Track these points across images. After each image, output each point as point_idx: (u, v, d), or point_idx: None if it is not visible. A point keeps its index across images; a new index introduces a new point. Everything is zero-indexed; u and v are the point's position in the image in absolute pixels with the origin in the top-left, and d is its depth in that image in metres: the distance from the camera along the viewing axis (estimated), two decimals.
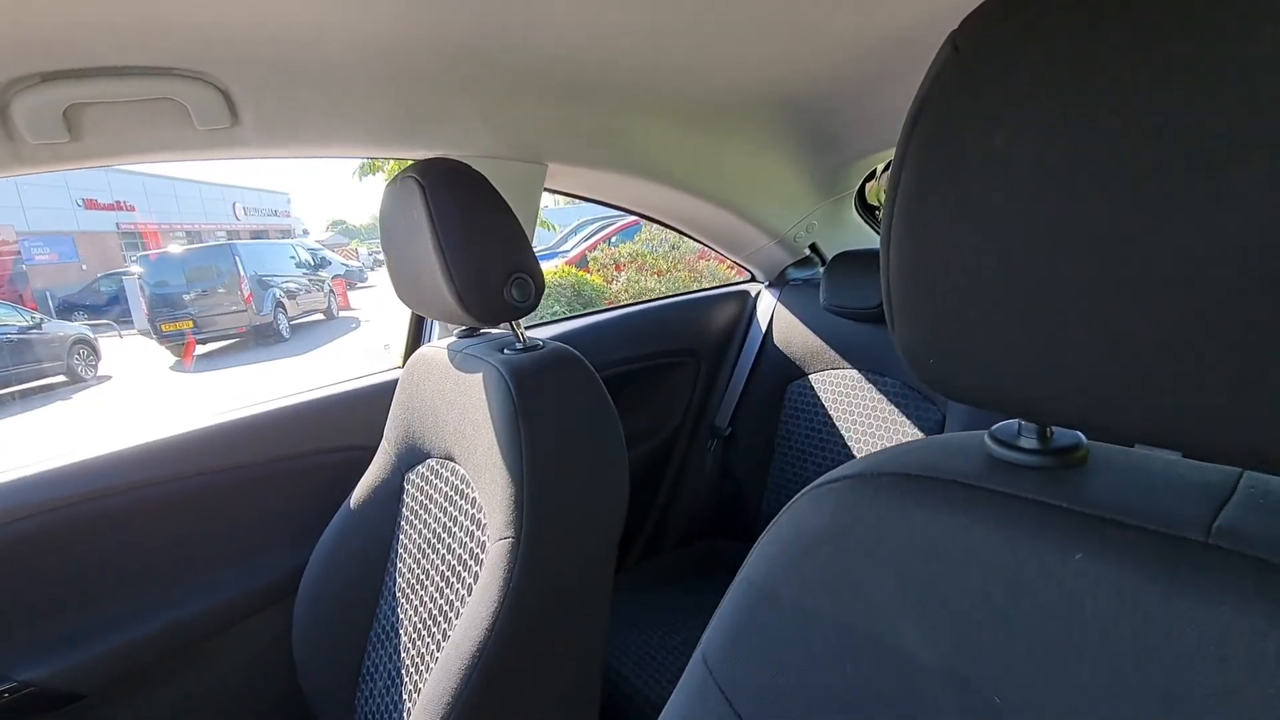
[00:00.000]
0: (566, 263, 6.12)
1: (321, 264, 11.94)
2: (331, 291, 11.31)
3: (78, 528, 0.88)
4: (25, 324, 8.08)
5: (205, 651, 0.96)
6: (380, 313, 11.09)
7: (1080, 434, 0.33)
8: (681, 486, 1.45)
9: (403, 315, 1.16)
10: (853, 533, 0.35)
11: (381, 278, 18.69)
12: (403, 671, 0.80)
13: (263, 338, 9.15)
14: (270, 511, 1.01)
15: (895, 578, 0.33)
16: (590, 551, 0.65)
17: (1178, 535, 0.26)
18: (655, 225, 1.33)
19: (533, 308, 0.72)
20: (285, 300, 9.74)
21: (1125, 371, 0.24)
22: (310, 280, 10.80)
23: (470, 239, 0.66)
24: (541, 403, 0.65)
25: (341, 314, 11.35)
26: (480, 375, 0.71)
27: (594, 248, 6.48)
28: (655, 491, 1.46)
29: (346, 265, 15.88)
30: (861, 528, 0.35)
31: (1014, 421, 0.34)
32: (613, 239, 6.64)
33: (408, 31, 0.68)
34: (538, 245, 1.02)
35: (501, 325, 0.79)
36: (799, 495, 0.39)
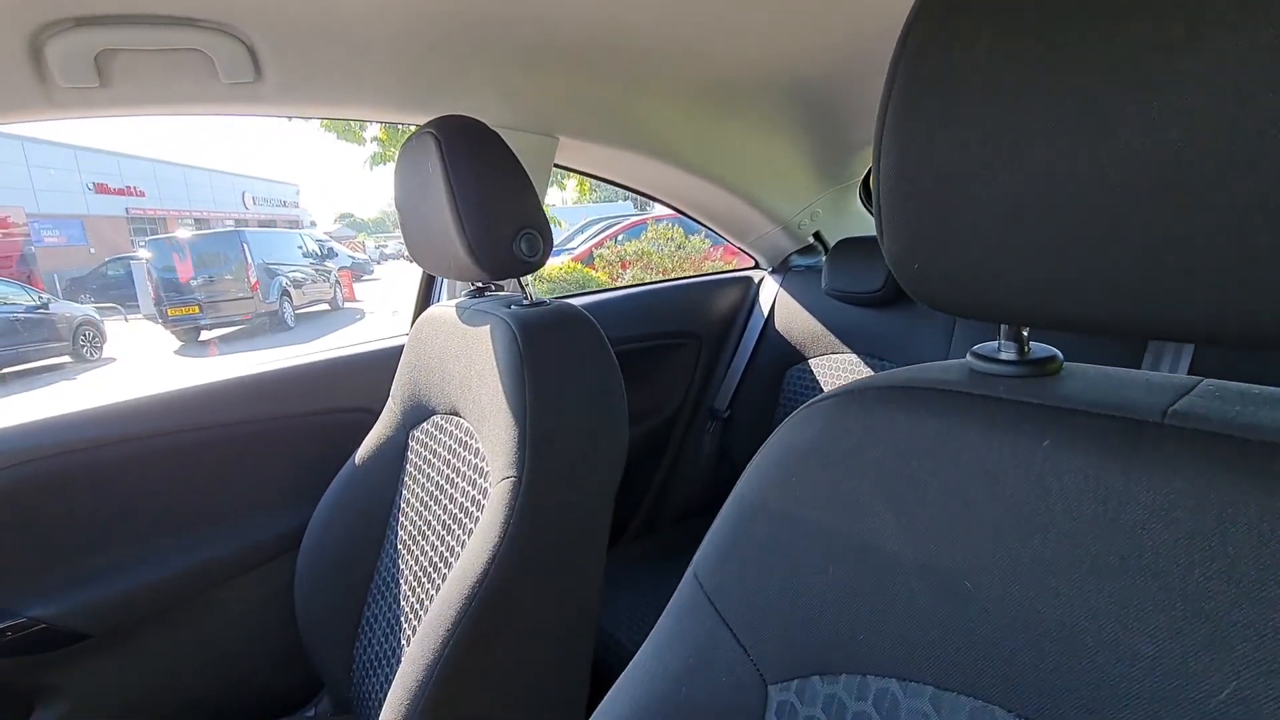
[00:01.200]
0: (573, 259, 6.15)
1: (328, 255, 11.99)
2: (337, 282, 11.36)
3: (90, 473, 0.90)
4: (32, 303, 8.13)
5: (208, 600, 0.98)
6: (384, 305, 11.13)
7: (1056, 350, 0.35)
8: (680, 466, 1.47)
9: (406, 308, 1.18)
10: (839, 444, 0.37)
11: (387, 271, 18.73)
12: (401, 619, 0.82)
13: (267, 325, 9.19)
14: (276, 468, 1.03)
15: (875, 481, 0.35)
16: (589, 495, 0.67)
17: (1137, 419, 0.28)
18: (661, 225, 1.35)
19: (540, 264, 0.75)
20: (291, 289, 9.78)
21: (1093, 266, 0.26)
22: (316, 270, 10.85)
23: (483, 192, 0.68)
24: (547, 351, 0.67)
25: (346, 305, 11.39)
26: (487, 328, 0.73)
27: (600, 245, 6.51)
28: (654, 470, 1.48)
29: (353, 257, 15.94)
30: (847, 439, 0.37)
31: (994, 342, 0.36)
32: (619, 237, 6.67)
33: None
34: None
35: (510, 288, 0.81)
36: (790, 416, 0.41)
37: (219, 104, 0.79)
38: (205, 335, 8.98)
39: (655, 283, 1.50)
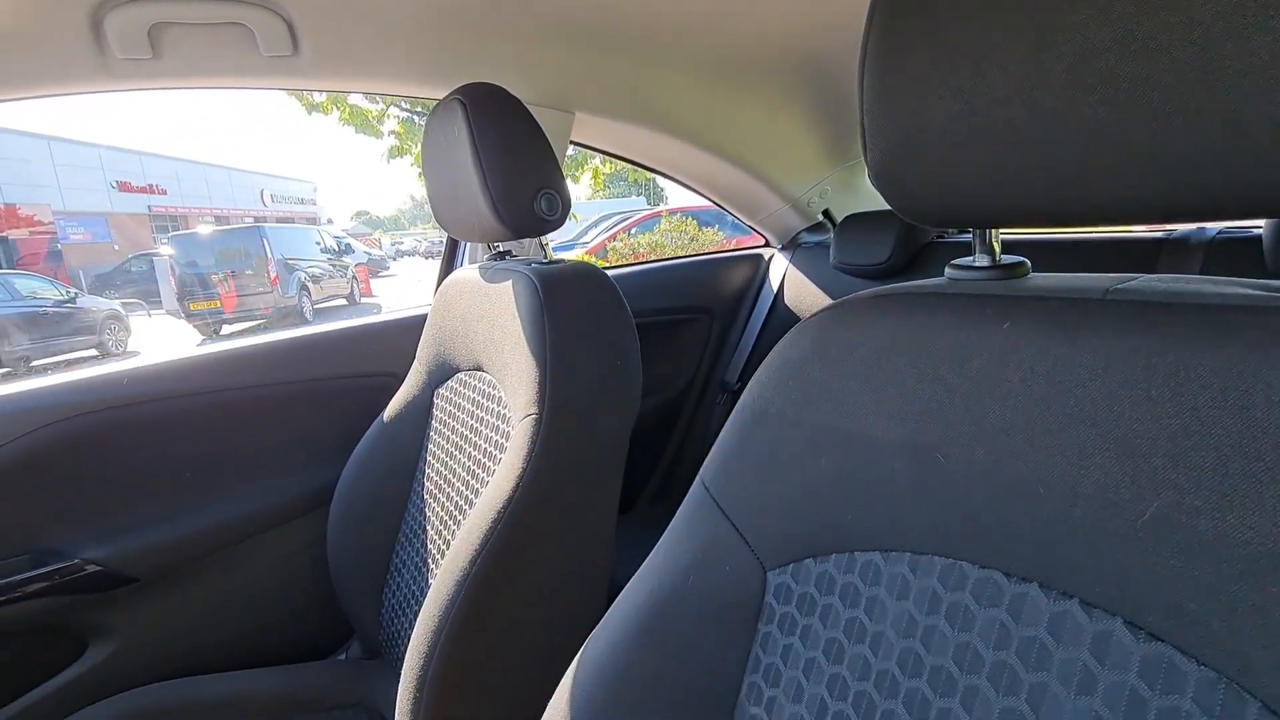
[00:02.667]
0: (587, 252, 6.21)
1: (345, 251, 12.16)
2: (354, 278, 11.52)
3: (140, 427, 0.96)
4: (60, 298, 8.35)
5: (246, 550, 1.04)
6: (401, 300, 11.26)
7: (1025, 259, 0.39)
8: (692, 436, 1.52)
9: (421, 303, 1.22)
10: (829, 350, 0.41)
11: (403, 267, 18.95)
12: (427, 562, 0.88)
13: (286, 320, 9.35)
14: (309, 427, 1.09)
15: (862, 378, 0.39)
16: (605, 434, 0.72)
17: (1084, 299, 0.32)
18: (674, 217, 1.40)
19: (559, 223, 0.79)
20: (310, 284, 9.94)
21: (1043, 165, 0.30)
22: (334, 266, 11.01)
23: (505, 153, 0.73)
24: (566, 301, 0.72)
25: (363, 300, 11.55)
26: (510, 284, 0.78)
27: (614, 238, 6.56)
28: (666, 440, 1.52)
29: (369, 254, 16.14)
30: (836, 345, 0.41)
31: (969, 257, 0.40)
32: (633, 230, 6.72)
33: None
34: (558, 236, 1.07)
35: (530, 250, 0.85)
36: (788, 333, 0.46)
37: (258, 77, 0.85)
38: (226, 329, 9.16)
39: (669, 259, 1.55)
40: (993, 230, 0.38)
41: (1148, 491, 0.27)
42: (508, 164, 0.73)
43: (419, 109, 5.33)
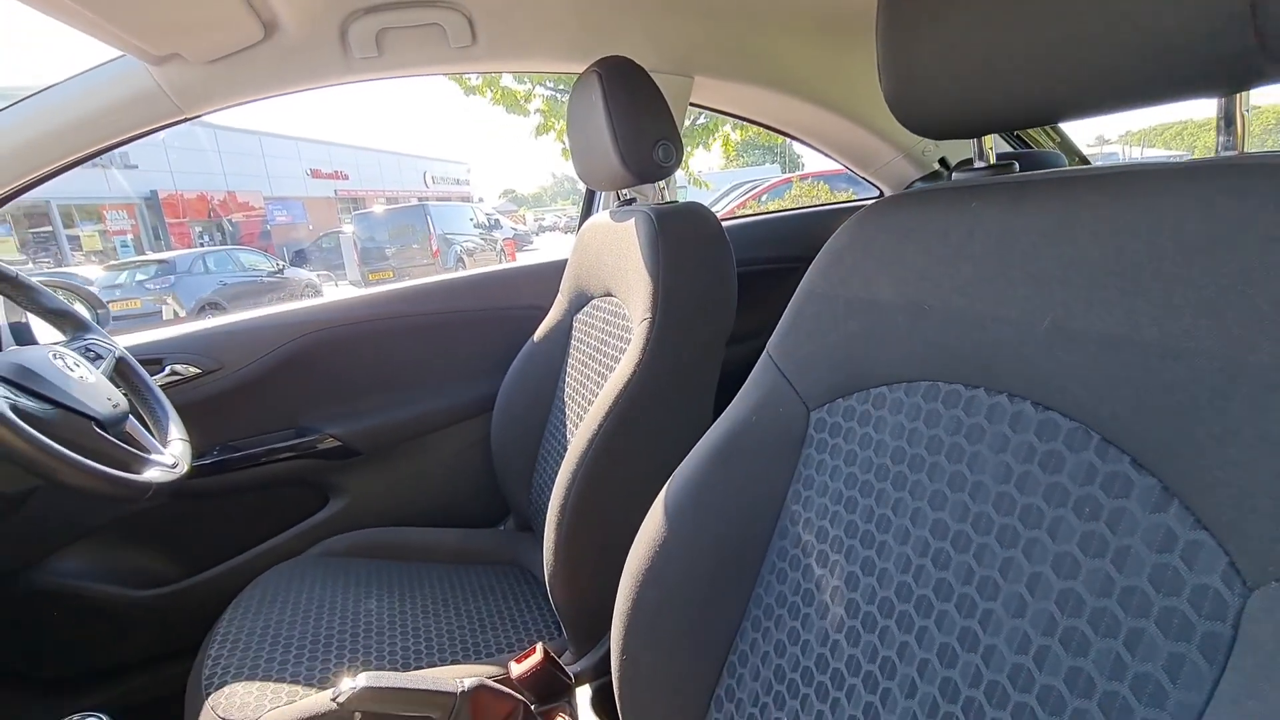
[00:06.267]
0: None
1: (494, 226, 13.18)
2: (502, 251, 12.47)
3: (358, 340, 1.28)
4: (273, 269, 9.97)
5: (433, 440, 1.34)
6: None
7: (1015, 162, 0.50)
8: None
9: None
10: (858, 240, 0.55)
11: (546, 242, 20.09)
12: (565, 450, 1.10)
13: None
14: (476, 347, 1.37)
15: (879, 258, 0.52)
16: (705, 338, 0.88)
17: (1031, 181, 0.43)
18: (805, 183, 1.50)
19: (673, 170, 0.96)
20: (465, 257, 10.95)
21: (1028, 80, 0.42)
22: (485, 240, 12.01)
23: (631, 110, 0.90)
24: (676, 230, 0.88)
25: None
26: (632, 222, 0.96)
27: (744, 205, 6.59)
28: None
29: (515, 229, 17.31)
30: (862, 236, 0.55)
31: (980, 162, 0.52)
32: (763, 197, 6.70)
33: None
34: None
35: (651, 198, 1.03)
36: (836, 230, 0.59)
37: (447, 65, 1.09)
38: None
39: (778, 211, 1.66)
40: (984, 138, 0.50)
41: (1045, 310, 0.39)
42: (632, 120, 0.91)
43: (561, 87, 5.69)
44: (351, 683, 0.52)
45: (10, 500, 0.78)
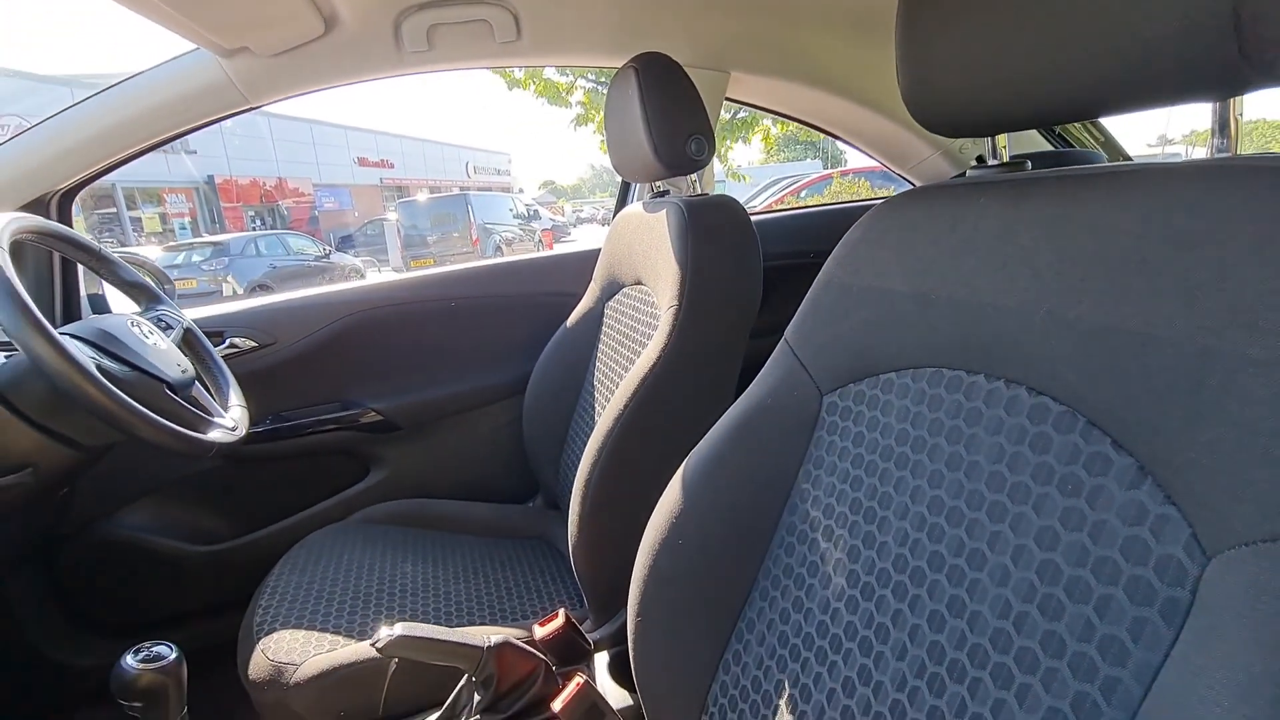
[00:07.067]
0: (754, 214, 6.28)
1: (533, 216, 13.35)
2: (540, 241, 12.62)
3: (400, 321, 1.35)
4: (320, 254, 10.31)
5: (468, 419, 1.41)
6: None
7: (1027, 160, 0.52)
8: None
9: None
10: (873, 232, 0.58)
11: (583, 233, 20.21)
12: (592, 432, 1.15)
13: None
14: (511, 331, 1.43)
15: (891, 250, 0.55)
16: (729, 325, 0.92)
17: (1034, 179, 0.45)
18: (845, 179, 1.51)
19: (705, 163, 0.99)
20: (504, 246, 11.13)
21: (1033, 72, 0.44)
22: (523, 230, 12.17)
23: (665, 105, 0.94)
24: (706, 221, 0.92)
25: None
26: (664, 213, 1.00)
27: (782, 200, 6.54)
28: None
29: (554, 220, 17.48)
30: (875, 229, 0.57)
31: (993, 160, 0.54)
32: (802, 193, 6.64)
33: None
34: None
35: (683, 190, 1.06)
36: (854, 224, 0.62)
37: (493, 59, 1.14)
38: None
39: (809, 207, 1.67)
40: (997, 137, 0.52)
41: (1042, 300, 0.42)
42: (666, 115, 0.94)
43: (602, 79, 5.74)
44: (389, 631, 0.57)
45: (92, 453, 0.86)
